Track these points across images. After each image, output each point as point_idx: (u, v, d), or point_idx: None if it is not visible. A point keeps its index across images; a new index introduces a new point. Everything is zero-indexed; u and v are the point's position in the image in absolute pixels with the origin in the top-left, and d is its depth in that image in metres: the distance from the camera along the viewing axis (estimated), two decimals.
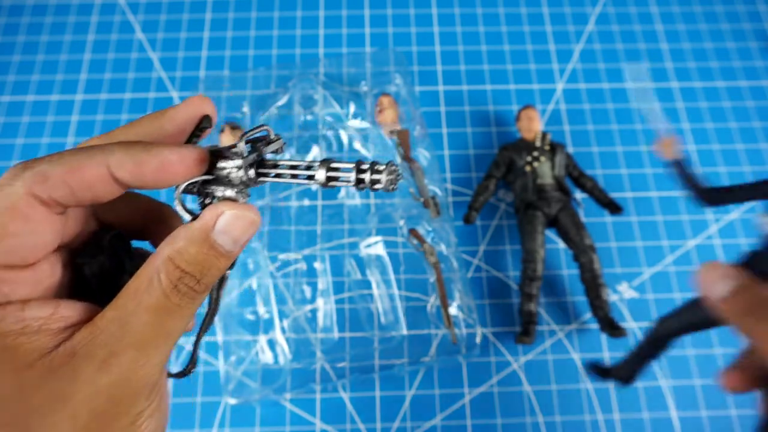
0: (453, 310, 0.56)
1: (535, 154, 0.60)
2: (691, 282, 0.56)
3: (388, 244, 0.60)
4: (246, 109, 0.66)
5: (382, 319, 0.57)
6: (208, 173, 0.21)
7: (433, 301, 0.57)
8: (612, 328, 0.54)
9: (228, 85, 0.67)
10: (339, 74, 0.68)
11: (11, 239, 0.18)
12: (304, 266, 0.59)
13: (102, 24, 0.73)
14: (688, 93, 0.69)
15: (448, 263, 0.58)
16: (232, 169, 0.21)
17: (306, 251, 0.59)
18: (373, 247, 0.59)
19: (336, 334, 0.56)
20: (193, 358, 0.24)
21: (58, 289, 0.21)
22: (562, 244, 0.61)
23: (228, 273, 0.23)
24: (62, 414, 0.18)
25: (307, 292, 0.58)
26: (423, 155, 0.62)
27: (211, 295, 0.23)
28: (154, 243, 0.25)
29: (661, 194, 0.64)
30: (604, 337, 0.57)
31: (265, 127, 0.22)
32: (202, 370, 0.56)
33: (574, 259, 0.58)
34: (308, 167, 0.21)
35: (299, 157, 0.63)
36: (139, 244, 0.25)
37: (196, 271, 0.20)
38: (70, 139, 0.66)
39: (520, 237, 0.59)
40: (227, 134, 0.61)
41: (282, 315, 0.57)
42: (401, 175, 0.21)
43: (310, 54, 0.71)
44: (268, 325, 0.56)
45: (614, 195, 0.63)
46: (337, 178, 0.20)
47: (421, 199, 0.59)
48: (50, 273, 0.21)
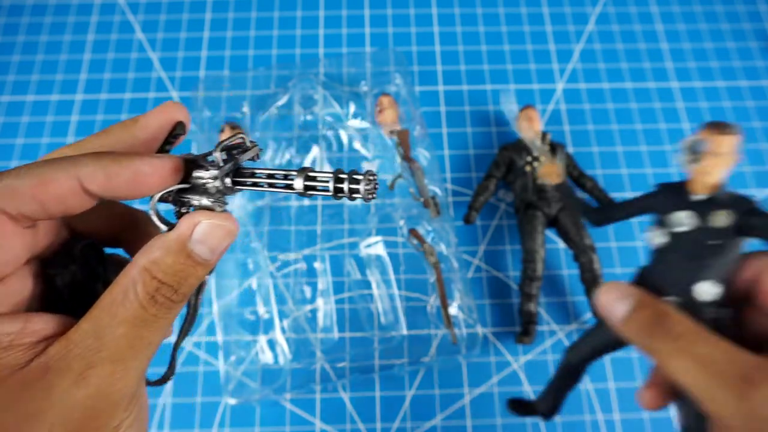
0: (453, 310, 0.56)
1: (535, 154, 0.60)
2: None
3: (388, 244, 0.60)
4: (246, 109, 0.66)
5: (382, 319, 0.57)
6: (183, 182, 0.21)
7: (433, 301, 0.57)
8: None
9: (228, 85, 0.67)
10: (339, 74, 0.68)
11: None
12: (304, 266, 0.59)
13: (102, 24, 0.73)
14: (688, 93, 0.69)
15: (448, 263, 0.58)
16: (208, 179, 0.21)
17: (306, 251, 0.59)
18: (373, 247, 0.59)
19: (336, 334, 0.56)
20: (172, 365, 0.24)
21: (29, 302, 0.21)
22: (562, 244, 0.61)
23: (207, 278, 0.22)
24: (38, 430, 0.18)
25: (307, 292, 0.58)
26: (423, 155, 0.62)
27: (189, 302, 0.23)
28: (129, 250, 0.24)
29: None
30: None
31: (240, 135, 0.21)
32: (202, 370, 0.56)
33: (574, 259, 0.58)
34: (286, 176, 0.20)
35: (299, 158, 0.63)
36: (114, 251, 0.25)
37: (174, 281, 0.20)
38: (70, 139, 0.66)
39: (520, 237, 0.59)
40: (227, 134, 0.61)
41: (282, 315, 0.56)
42: (379, 184, 0.20)
43: (310, 54, 0.71)
44: (268, 325, 0.56)
45: (614, 195, 0.63)
46: (315, 188, 0.20)
47: (421, 199, 0.59)
48: (20, 286, 0.20)
